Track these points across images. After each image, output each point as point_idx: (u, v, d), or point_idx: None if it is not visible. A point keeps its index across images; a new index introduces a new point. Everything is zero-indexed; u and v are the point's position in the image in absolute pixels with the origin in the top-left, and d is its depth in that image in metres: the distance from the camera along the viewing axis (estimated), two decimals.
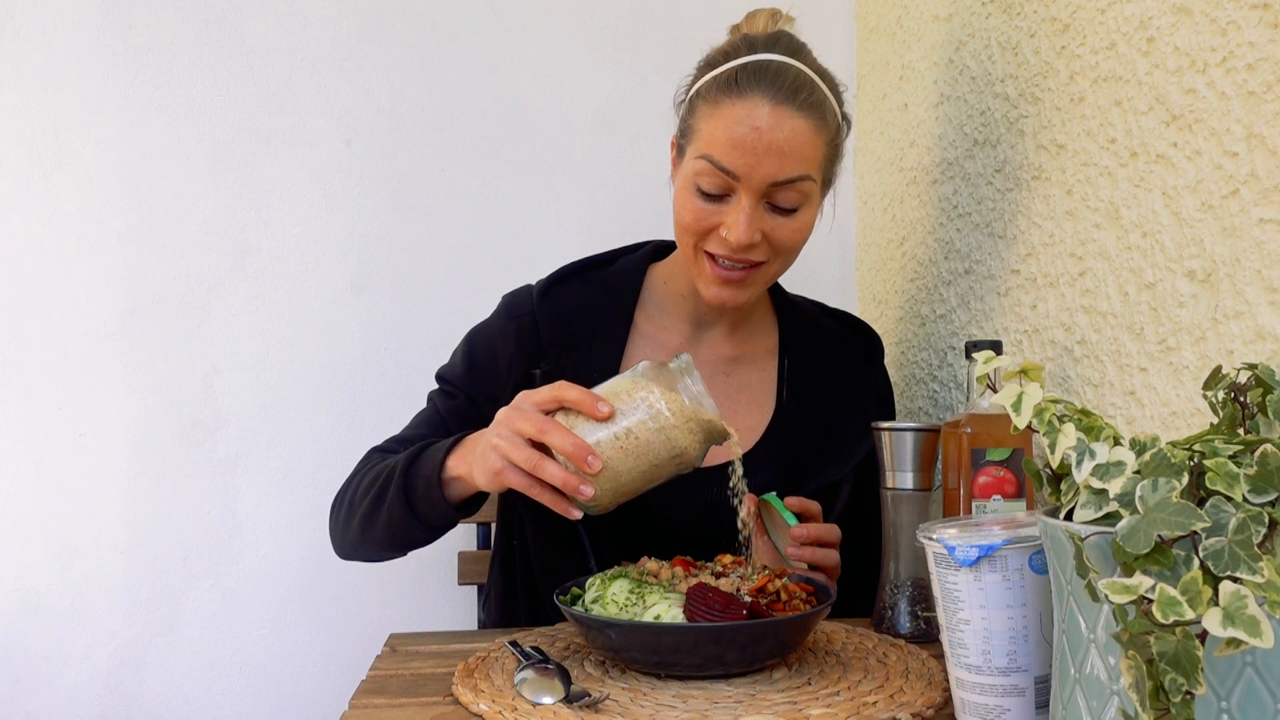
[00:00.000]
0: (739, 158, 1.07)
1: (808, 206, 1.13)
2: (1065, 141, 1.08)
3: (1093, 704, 0.63)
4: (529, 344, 1.22)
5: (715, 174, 1.09)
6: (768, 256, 1.14)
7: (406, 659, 1.06)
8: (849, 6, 1.75)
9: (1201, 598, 0.53)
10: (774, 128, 1.06)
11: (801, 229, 1.13)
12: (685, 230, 1.14)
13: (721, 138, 1.08)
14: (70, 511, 1.61)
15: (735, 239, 1.09)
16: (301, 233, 1.66)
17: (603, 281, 1.27)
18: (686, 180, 1.12)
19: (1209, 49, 0.85)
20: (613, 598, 0.96)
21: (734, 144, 1.07)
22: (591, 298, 1.25)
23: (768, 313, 1.32)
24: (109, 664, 1.62)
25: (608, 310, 1.24)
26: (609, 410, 0.95)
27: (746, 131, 1.06)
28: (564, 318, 1.23)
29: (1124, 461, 0.62)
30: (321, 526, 1.65)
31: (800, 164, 1.09)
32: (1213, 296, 0.85)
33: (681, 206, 1.13)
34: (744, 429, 1.23)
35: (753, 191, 1.08)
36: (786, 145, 1.07)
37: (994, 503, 1.01)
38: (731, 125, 1.07)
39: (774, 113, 1.06)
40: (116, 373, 1.62)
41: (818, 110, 1.09)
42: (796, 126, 1.07)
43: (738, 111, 1.07)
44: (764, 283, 1.18)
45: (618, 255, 1.31)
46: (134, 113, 1.62)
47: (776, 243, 1.12)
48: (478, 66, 1.69)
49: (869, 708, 0.86)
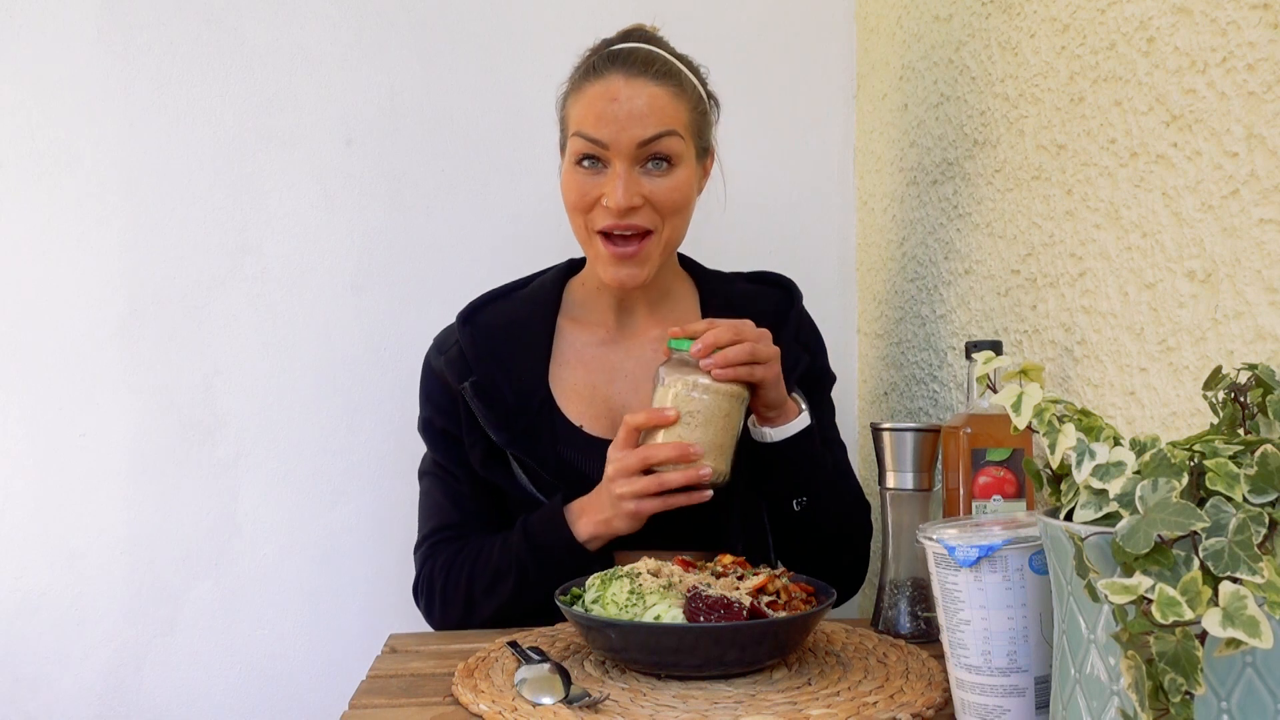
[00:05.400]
0: (604, 126, 1.18)
1: (682, 165, 1.21)
2: (1065, 141, 1.08)
3: (1093, 704, 0.63)
4: (457, 368, 1.27)
5: (588, 145, 1.19)
6: (653, 223, 1.21)
7: (406, 659, 1.06)
8: (849, 6, 1.75)
9: (1201, 598, 0.53)
10: (632, 96, 1.18)
11: (678, 187, 1.21)
12: (573, 209, 1.23)
13: (587, 114, 1.19)
14: (70, 511, 1.61)
15: (615, 202, 1.17)
16: (301, 233, 1.66)
17: (522, 299, 1.35)
18: (567, 164, 1.23)
19: (1209, 49, 0.85)
20: (613, 598, 0.96)
21: (598, 116, 1.18)
22: (514, 313, 1.33)
23: (687, 287, 1.38)
24: (109, 664, 1.62)
25: (530, 320, 1.32)
26: (674, 413, 1.10)
27: (607, 103, 1.18)
28: (487, 335, 1.30)
29: (1124, 462, 0.62)
30: (322, 526, 1.66)
31: (662, 121, 1.18)
32: (1213, 297, 0.85)
33: (566, 188, 1.23)
34: None
35: (623, 155, 1.18)
36: (646, 108, 1.18)
37: (994, 503, 1.01)
38: (593, 101, 1.19)
39: (629, 84, 1.18)
40: (116, 373, 1.62)
41: (673, 79, 1.21)
42: (653, 92, 1.19)
43: (597, 89, 1.19)
44: (659, 254, 1.24)
45: (534, 277, 1.39)
46: (134, 113, 1.62)
47: (658, 204, 1.20)
48: (478, 66, 1.69)
49: (869, 708, 0.87)
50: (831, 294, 1.73)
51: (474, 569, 1.22)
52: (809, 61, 1.74)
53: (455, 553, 1.25)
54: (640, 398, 1.28)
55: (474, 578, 1.22)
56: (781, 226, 1.74)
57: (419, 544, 1.30)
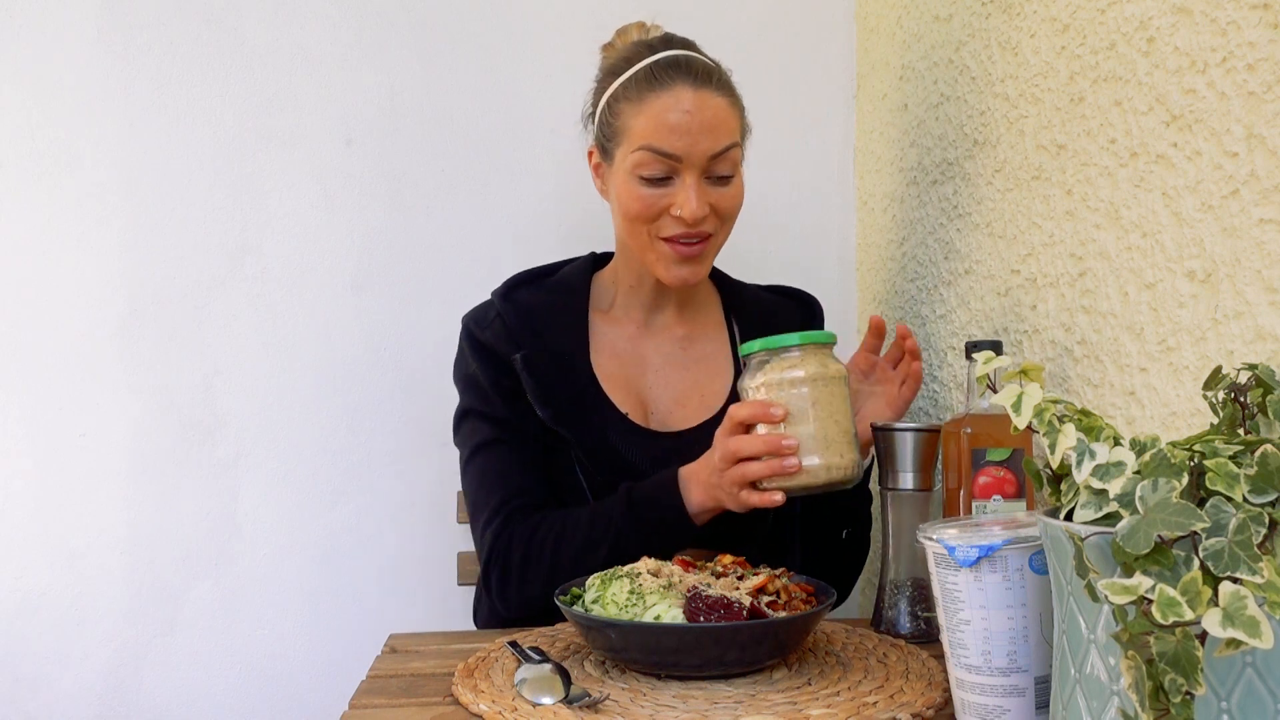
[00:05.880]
0: (678, 140, 1.19)
1: (739, 174, 1.26)
2: (1065, 141, 1.08)
3: (1093, 704, 0.63)
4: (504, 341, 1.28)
5: (657, 160, 1.20)
6: (715, 227, 1.24)
7: (406, 659, 1.06)
8: (849, 6, 1.75)
9: (1201, 598, 0.53)
10: (701, 108, 1.19)
11: (738, 194, 1.25)
12: (636, 220, 1.23)
13: (657, 127, 1.19)
14: (70, 511, 1.61)
15: (690, 213, 1.19)
16: (301, 233, 1.66)
17: (552, 286, 1.35)
18: (626, 175, 1.22)
19: (1209, 49, 0.85)
20: (612, 598, 0.96)
21: (670, 129, 1.19)
22: (547, 299, 1.33)
23: (710, 291, 1.41)
24: (109, 664, 1.62)
25: (564, 309, 1.32)
26: (781, 411, 1.06)
27: (680, 116, 1.19)
28: (528, 314, 1.30)
29: (1124, 462, 0.62)
30: (322, 526, 1.66)
31: (729, 134, 1.22)
32: (1213, 296, 0.85)
33: (629, 199, 1.22)
34: (709, 394, 1.34)
35: (694, 168, 1.20)
36: (714, 120, 1.20)
37: (994, 503, 1.01)
38: (663, 114, 1.19)
39: (697, 96, 1.19)
40: (116, 373, 1.62)
41: (729, 89, 1.24)
42: (719, 104, 1.21)
43: (665, 101, 1.19)
44: (713, 254, 1.28)
45: (560, 265, 1.40)
46: (134, 113, 1.62)
47: (721, 211, 1.24)
48: (478, 66, 1.69)
49: (869, 708, 0.87)
50: (831, 294, 1.73)
51: (560, 540, 1.19)
52: (809, 61, 1.74)
53: (536, 524, 1.21)
54: (667, 392, 1.32)
55: (560, 549, 1.18)
56: (781, 226, 1.74)
57: (487, 519, 1.24)
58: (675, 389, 1.33)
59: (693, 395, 1.33)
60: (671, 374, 1.33)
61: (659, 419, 1.31)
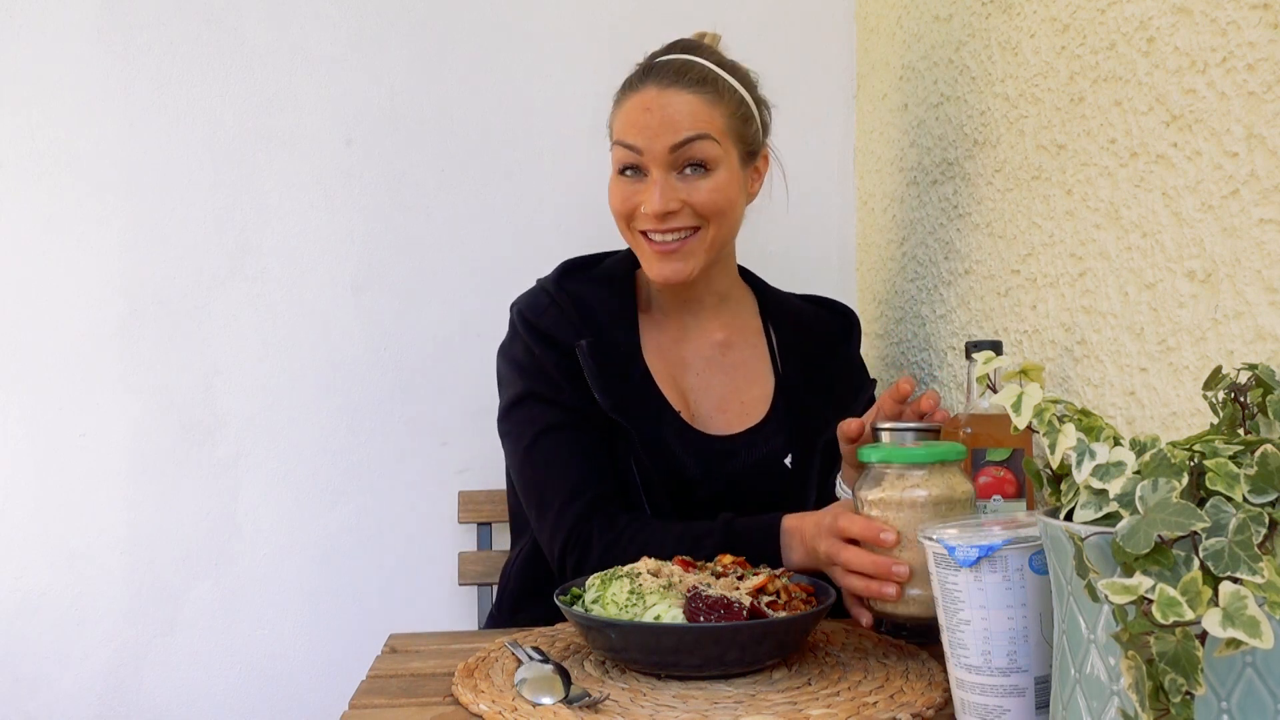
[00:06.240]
0: (638, 134, 1.22)
1: (721, 169, 1.24)
2: (1065, 141, 1.08)
3: (1093, 704, 0.63)
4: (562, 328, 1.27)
5: (625, 153, 1.24)
6: (697, 221, 1.24)
7: (406, 659, 1.06)
8: (849, 6, 1.75)
9: (1201, 598, 0.53)
10: (664, 105, 1.22)
11: (717, 189, 1.24)
12: (617, 215, 1.27)
13: (626, 124, 1.25)
14: (70, 511, 1.61)
15: (651, 207, 1.22)
16: (301, 233, 1.66)
17: (599, 278, 1.35)
18: (612, 172, 1.27)
19: (1209, 49, 0.85)
20: (612, 598, 0.96)
21: (632, 124, 1.23)
22: (596, 291, 1.33)
23: (747, 296, 1.41)
24: (109, 664, 1.62)
25: (613, 302, 1.32)
26: (893, 537, 0.96)
27: (640, 113, 1.23)
28: (582, 303, 1.31)
29: (1124, 462, 0.62)
30: (322, 526, 1.66)
31: (693, 126, 1.22)
32: (1213, 296, 0.85)
33: (611, 195, 1.27)
34: (749, 401, 1.33)
35: (657, 161, 1.22)
36: (676, 114, 1.22)
37: (994, 503, 1.01)
38: (629, 112, 1.25)
39: (661, 94, 1.23)
40: (116, 373, 1.62)
41: (708, 85, 1.24)
42: (685, 99, 1.23)
43: (633, 101, 1.25)
44: (704, 250, 1.26)
45: (603, 256, 1.39)
46: (134, 113, 1.62)
47: (698, 206, 1.23)
48: (478, 66, 1.69)
49: (869, 708, 0.86)
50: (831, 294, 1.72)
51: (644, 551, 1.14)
52: (809, 61, 1.74)
53: (621, 527, 1.19)
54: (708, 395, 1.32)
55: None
56: (781, 226, 1.74)
57: (563, 504, 1.21)
58: (716, 393, 1.33)
59: (733, 400, 1.33)
60: (711, 377, 1.33)
61: (701, 421, 1.30)
